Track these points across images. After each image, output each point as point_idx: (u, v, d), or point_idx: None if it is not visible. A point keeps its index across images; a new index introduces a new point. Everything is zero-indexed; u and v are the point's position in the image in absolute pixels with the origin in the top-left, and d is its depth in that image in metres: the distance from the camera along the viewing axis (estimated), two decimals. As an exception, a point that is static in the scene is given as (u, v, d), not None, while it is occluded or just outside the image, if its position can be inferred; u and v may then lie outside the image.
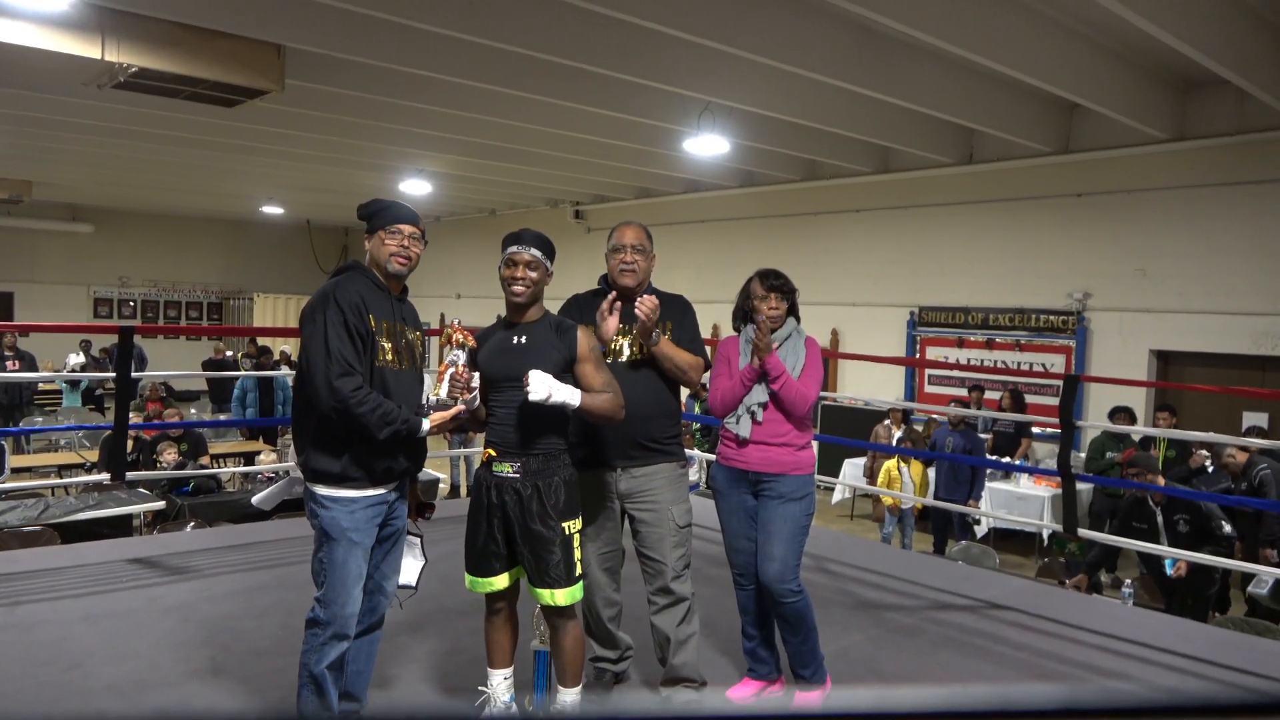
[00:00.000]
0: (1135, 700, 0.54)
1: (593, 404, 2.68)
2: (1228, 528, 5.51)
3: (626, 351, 3.06)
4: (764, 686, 3.22)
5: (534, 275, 2.75)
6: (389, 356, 2.60)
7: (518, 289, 2.75)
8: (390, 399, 2.54)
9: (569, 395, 2.62)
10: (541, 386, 2.55)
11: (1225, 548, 5.42)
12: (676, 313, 3.17)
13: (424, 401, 2.67)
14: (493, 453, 2.72)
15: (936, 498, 7.72)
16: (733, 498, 3.14)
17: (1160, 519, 5.62)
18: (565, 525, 2.69)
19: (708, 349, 3.25)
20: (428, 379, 2.82)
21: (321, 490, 2.55)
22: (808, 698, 3.04)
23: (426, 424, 2.59)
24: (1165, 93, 7.73)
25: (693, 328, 3.20)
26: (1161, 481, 5.62)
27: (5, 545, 4.86)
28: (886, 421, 8.98)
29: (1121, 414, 7.60)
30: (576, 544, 2.73)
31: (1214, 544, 5.36)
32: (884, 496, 7.99)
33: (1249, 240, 8.10)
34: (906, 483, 7.93)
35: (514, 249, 2.75)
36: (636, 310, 2.92)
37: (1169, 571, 5.42)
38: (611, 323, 2.97)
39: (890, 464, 8.06)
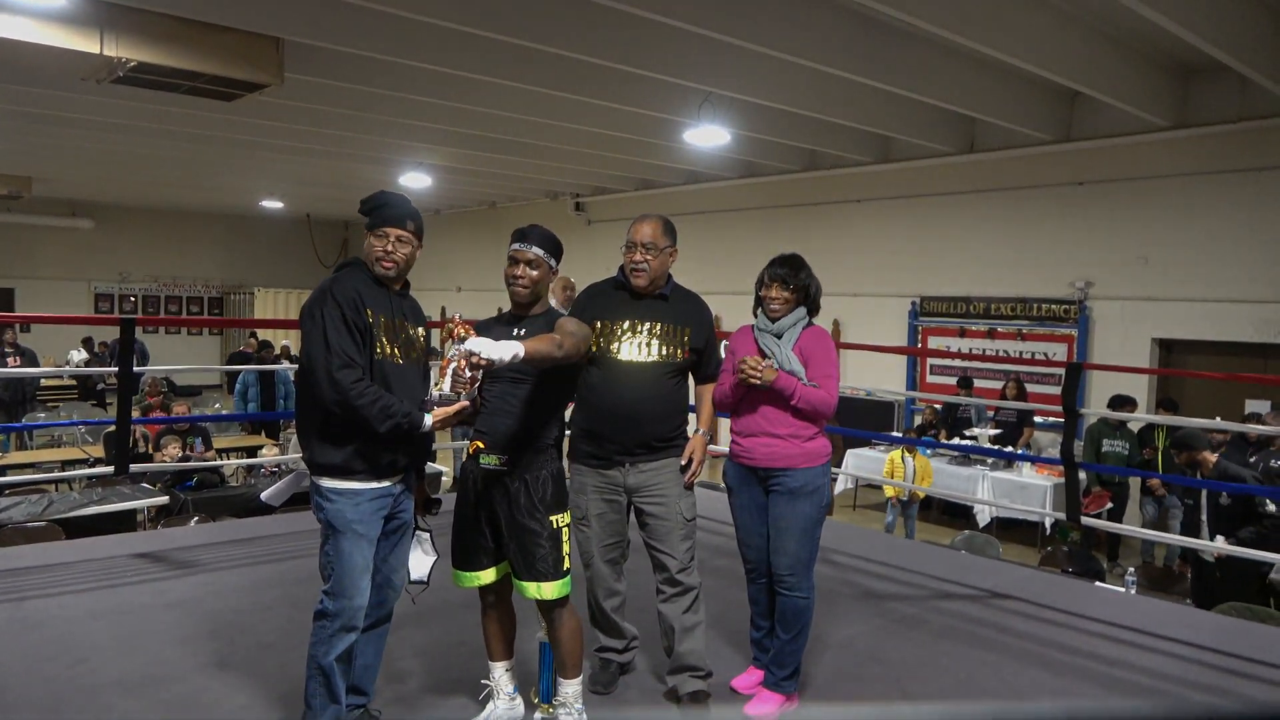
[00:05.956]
0: (1132, 714, 0.54)
1: (538, 347, 2.47)
2: (1272, 505, 5.11)
3: (655, 351, 3.04)
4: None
5: (535, 274, 2.74)
6: (389, 350, 2.59)
7: (518, 288, 2.75)
8: (392, 393, 2.54)
9: (507, 350, 2.37)
10: (479, 345, 2.35)
11: (1269, 527, 5.03)
12: (696, 314, 3.17)
13: (428, 396, 2.67)
14: (481, 445, 2.70)
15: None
16: (744, 494, 3.13)
17: (1205, 495, 5.35)
18: (553, 519, 2.69)
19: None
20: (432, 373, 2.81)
21: (326, 483, 2.56)
22: (763, 707, 3.02)
23: (429, 419, 2.57)
24: (1166, 80, 7.70)
25: (711, 329, 3.21)
26: (1213, 458, 5.33)
27: (10, 541, 4.86)
28: None
29: (1128, 405, 7.60)
30: (565, 537, 2.72)
31: (1256, 522, 5.05)
32: (886, 487, 8.01)
33: (1251, 227, 8.07)
34: (909, 473, 7.94)
35: (517, 247, 2.75)
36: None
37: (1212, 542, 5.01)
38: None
39: (894, 454, 8.07)
